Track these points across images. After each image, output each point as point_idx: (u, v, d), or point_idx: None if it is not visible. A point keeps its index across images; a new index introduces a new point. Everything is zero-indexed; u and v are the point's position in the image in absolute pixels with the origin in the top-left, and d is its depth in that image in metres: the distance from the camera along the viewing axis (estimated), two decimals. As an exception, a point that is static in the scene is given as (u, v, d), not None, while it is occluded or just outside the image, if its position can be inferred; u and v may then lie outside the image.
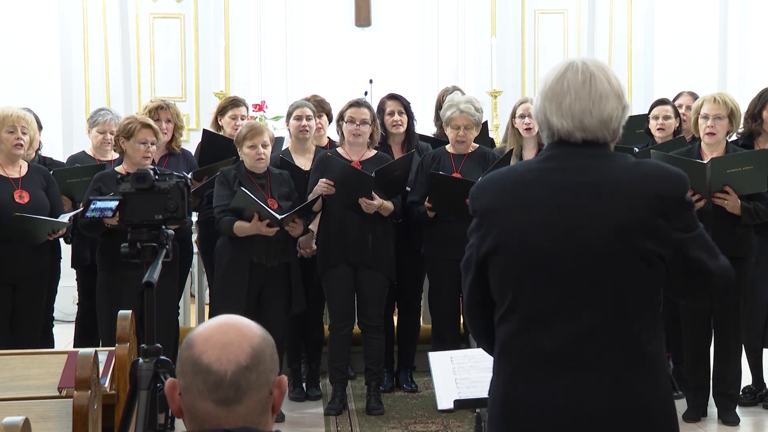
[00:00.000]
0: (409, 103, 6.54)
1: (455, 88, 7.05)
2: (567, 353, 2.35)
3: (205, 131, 6.75)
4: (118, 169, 5.68)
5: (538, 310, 2.38)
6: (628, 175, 2.39)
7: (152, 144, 5.59)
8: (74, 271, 6.44)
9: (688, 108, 6.74)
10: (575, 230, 2.36)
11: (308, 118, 6.25)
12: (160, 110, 6.29)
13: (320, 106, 6.65)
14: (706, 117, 5.66)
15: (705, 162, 5.51)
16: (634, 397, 2.35)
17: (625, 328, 2.36)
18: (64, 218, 5.64)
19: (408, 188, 6.09)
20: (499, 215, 2.42)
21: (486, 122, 7.39)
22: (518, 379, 2.39)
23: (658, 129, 6.52)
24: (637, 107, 8.78)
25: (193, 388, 1.94)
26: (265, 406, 1.98)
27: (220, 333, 1.96)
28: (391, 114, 6.44)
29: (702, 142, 5.75)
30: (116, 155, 6.27)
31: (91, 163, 6.38)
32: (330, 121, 6.70)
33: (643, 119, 6.75)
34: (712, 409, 5.85)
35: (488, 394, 2.50)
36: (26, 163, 5.80)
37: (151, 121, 5.71)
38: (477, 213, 2.47)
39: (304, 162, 6.27)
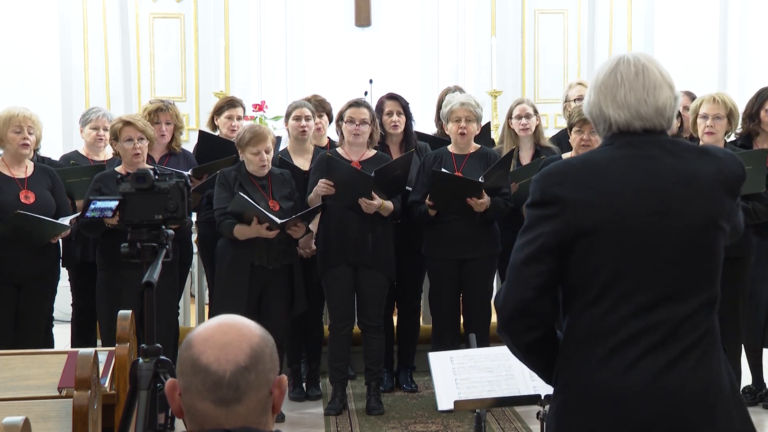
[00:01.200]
0: (408, 103, 6.54)
1: (457, 88, 7.05)
2: (666, 335, 2.39)
3: (201, 132, 6.75)
4: (117, 169, 5.68)
5: (637, 293, 2.40)
6: (702, 161, 2.49)
7: (139, 140, 5.59)
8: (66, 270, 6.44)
9: (686, 108, 6.74)
10: (669, 214, 2.41)
11: (307, 119, 6.25)
12: (159, 112, 6.28)
13: (320, 106, 6.65)
14: (705, 117, 5.67)
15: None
16: (721, 374, 2.44)
17: (710, 314, 2.45)
18: (65, 221, 5.64)
19: (409, 188, 6.09)
20: (589, 198, 2.42)
21: (489, 123, 7.40)
22: (615, 363, 2.39)
23: None
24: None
25: (192, 388, 1.94)
26: (264, 406, 1.98)
27: (220, 333, 1.96)
28: (390, 114, 6.43)
29: (700, 142, 5.75)
30: (110, 154, 6.29)
31: (84, 163, 6.40)
32: (330, 121, 6.69)
33: None
34: (712, 409, 5.84)
35: (563, 382, 2.49)
36: (32, 163, 5.81)
37: (133, 118, 5.69)
38: (558, 199, 2.43)
39: (302, 162, 6.27)
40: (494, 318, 4.90)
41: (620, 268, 2.40)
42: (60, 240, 5.96)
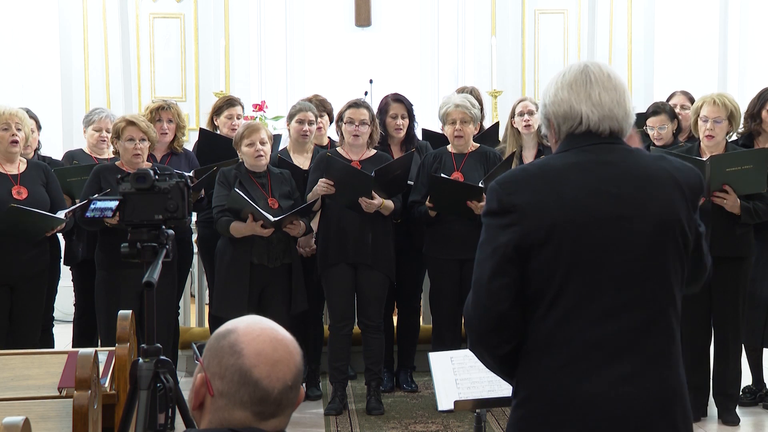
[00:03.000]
0: (412, 105, 6.54)
1: (473, 90, 7.06)
2: (622, 342, 2.37)
3: (202, 130, 6.75)
4: (118, 164, 5.68)
5: (594, 299, 2.38)
6: (661, 168, 2.48)
7: (141, 140, 5.59)
8: (69, 270, 6.42)
9: (683, 107, 6.74)
10: (626, 220, 2.40)
11: (310, 123, 6.26)
12: (161, 110, 6.30)
13: (322, 106, 6.66)
14: (705, 119, 5.66)
15: (704, 160, 5.51)
16: (675, 385, 2.43)
17: (669, 319, 2.43)
18: (61, 214, 5.62)
19: (410, 182, 6.08)
20: (546, 206, 2.39)
21: (497, 123, 7.38)
22: (574, 372, 2.37)
23: (656, 139, 6.46)
24: (637, 108, 8.74)
25: (235, 396, 1.97)
26: (291, 417, 2.05)
27: (271, 349, 1.99)
28: (394, 117, 6.43)
29: (701, 144, 5.75)
30: (113, 154, 6.28)
31: (88, 161, 6.40)
32: (331, 121, 6.70)
33: (640, 118, 6.74)
34: (712, 409, 5.85)
35: (523, 394, 2.46)
36: (26, 160, 5.78)
37: (136, 118, 5.70)
38: (515, 207, 2.40)
39: (302, 161, 6.28)
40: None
41: (577, 275, 2.37)
42: (60, 238, 5.95)
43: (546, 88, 2.57)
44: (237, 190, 5.61)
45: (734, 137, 5.96)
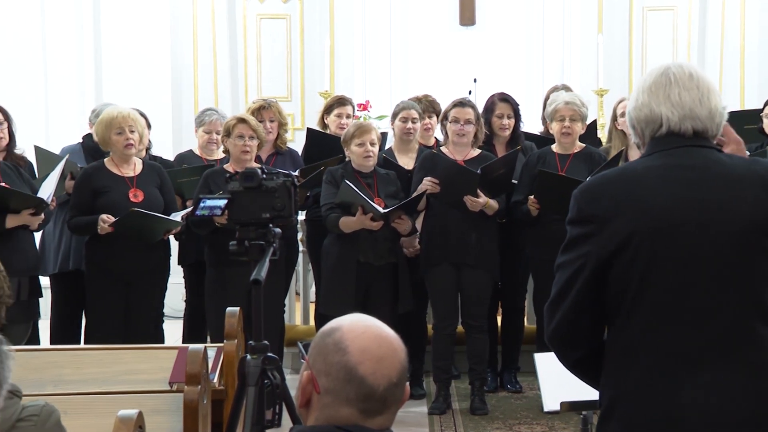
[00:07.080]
0: (519, 105, 6.49)
1: (564, 87, 6.96)
2: (706, 352, 2.31)
3: (309, 130, 6.80)
4: (226, 166, 5.76)
5: (672, 308, 2.33)
6: (749, 169, 2.41)
7: (250, 138, 5.67)
8: (181, 268, 6.56)
9: None
10: (706, 226, 2.34)
11: (414, 121, 6.26)
12: (262, 110, 6.35)
13: (431, 107, 6.65)
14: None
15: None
16: (764, 398, 2.33)
17: (756, 326, 2.34)
18: (177, 217, 5.73)
19: (514, 180, 6.03)
20: (627, 215, 2.36)
21: (595, 121, 7.28)
22: (656, 381, 2.33)
23: None
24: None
25: (341, 393, 1.99)
26: (396, 416, 2.05)
27: (375, 346, 2.00)
28: (500, 117, 6.39)
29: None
30: (222, 155, 6.38)
31: (197, 162, 6.50)
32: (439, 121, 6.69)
33: (754, 115, 6.56)
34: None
35: (605, 400, 2.43)
36: (141, 162, 5.86)
37: (247, 117, 5.81)
38: (594, 217, 2.40)
39: (407, 161, 6.29)
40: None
41: (656, 283, 2.33)
42: (173, 238, 6.06)
43: (630, 96, 2.55)
44: (347, 182, 5.65)
45: None
